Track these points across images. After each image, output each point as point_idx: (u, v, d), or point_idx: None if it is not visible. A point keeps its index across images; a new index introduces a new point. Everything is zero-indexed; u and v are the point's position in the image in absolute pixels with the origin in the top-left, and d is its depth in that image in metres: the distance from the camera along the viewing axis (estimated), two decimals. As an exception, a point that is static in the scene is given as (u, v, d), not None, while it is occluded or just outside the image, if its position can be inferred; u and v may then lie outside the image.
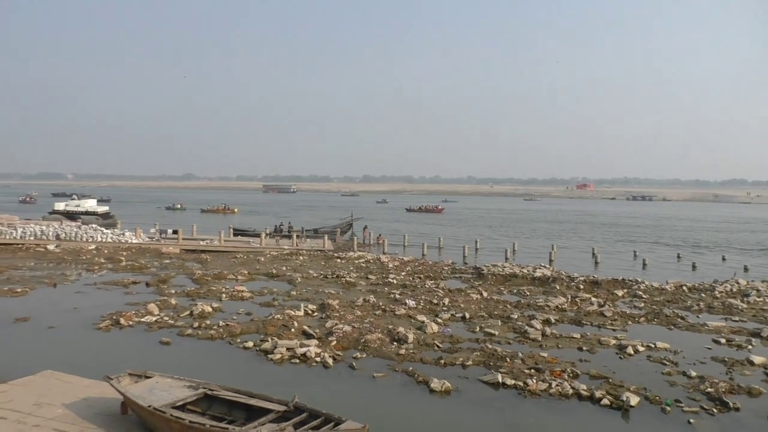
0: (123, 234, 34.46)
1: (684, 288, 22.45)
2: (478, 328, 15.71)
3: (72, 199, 58.87)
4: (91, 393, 9.37)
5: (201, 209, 78.85)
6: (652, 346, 14.17)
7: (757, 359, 13.14)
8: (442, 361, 12.70)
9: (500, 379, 11.50)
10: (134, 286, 20.98)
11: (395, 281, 22.84)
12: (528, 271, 25.25)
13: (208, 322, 15.56)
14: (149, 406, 7.84)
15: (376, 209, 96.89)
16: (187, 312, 16.59)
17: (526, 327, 15.64)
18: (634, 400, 10.49)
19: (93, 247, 31.20)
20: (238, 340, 14.04)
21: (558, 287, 22.27)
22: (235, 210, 78.25)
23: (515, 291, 21.71)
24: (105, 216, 50.29)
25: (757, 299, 20.31)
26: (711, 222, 78.50)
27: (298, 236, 36.47)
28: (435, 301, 18.91)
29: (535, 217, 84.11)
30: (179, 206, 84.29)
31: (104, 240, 32.70)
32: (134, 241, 33.06)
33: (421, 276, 24.43)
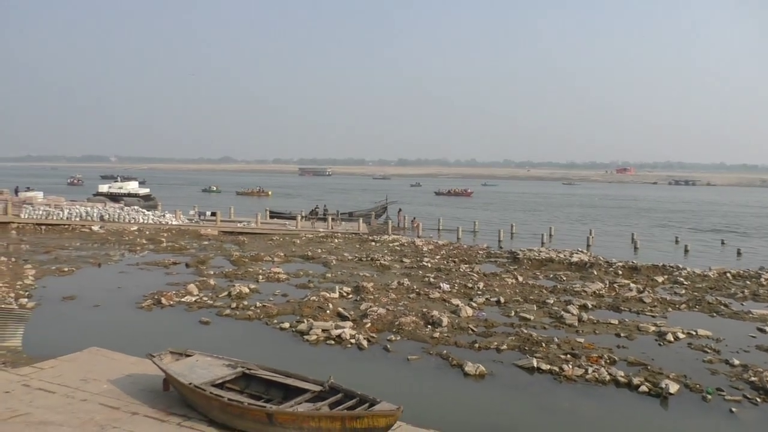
0: (163, 216, 35.22)
1: (728, 275, 21.78)
2: (513, 313, 15.60)
3: (115, 181, 60.54)
4: (135, 370, 9.69)
5: (236, 192, 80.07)
6: (693, 333, 13.83)
7: (805, 349, 12.71)
8: (477, 345, 12.68)
9: (535, 364, 11.41)
10: (174, 267, 21.49)
11: (430, 265, 22.82)
12: (565, 256, 24.86)
13: (245, 302, 15.88)
14: (190, 384, 8.05)
15: (410, 193, 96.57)
16: (226, 293, 16.95)
17: (562, 312, 15.45)
18: (673, 387, 10.28)
19: (135, 228, 32.04)
20: (275, 321, 14.29)
21: (595, 273, 21.89)
22: (269, 193, 79.17)
23: (551, 276, 21.44)
24: (146, 198, 51.56)
25: (806, 287, 19.57)
26: (757, 207, 75.77)
27: (333, 219, 36.72)
28: (470, 285, 18.83)
29: (572, 201, 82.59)
30: (215, 188, 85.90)
31: (146, 221, 33.47)
32: (174, 223, 33.79)
33: (456, 260, 24.33)
